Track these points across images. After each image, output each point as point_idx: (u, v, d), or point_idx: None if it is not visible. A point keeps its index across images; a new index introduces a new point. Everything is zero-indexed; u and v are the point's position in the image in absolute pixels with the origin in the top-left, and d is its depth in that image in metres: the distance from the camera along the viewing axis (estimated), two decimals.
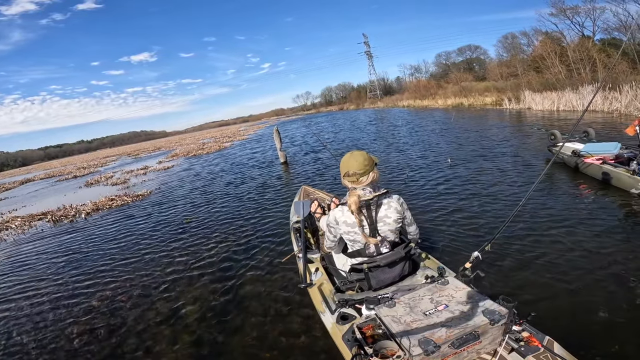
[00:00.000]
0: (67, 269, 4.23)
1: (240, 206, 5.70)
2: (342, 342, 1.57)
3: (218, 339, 2.36)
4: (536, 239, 3.04)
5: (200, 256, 3.86)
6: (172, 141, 49.32)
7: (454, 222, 3.66)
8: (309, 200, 2.69)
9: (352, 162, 1.73)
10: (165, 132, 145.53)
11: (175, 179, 10.33)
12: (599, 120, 9.57)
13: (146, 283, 3.44)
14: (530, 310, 1.44)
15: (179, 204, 6.62)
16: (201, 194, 7.24)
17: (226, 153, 15.99)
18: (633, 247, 2.69)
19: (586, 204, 3.65)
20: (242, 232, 4.44)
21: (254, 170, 9.21)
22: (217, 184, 8.13)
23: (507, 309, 1.34)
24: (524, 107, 16.27)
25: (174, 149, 27.41)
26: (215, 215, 5.40)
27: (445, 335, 1.27)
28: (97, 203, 7.81)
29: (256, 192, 6.51)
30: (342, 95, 69.27)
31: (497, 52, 32.20)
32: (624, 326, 1.91)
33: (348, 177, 1.75)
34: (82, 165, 27.82)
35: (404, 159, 7.40)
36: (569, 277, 2.41)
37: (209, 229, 4.79)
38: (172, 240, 4.55)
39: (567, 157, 4.68)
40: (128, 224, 5.80)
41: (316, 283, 2.13)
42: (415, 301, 1.50)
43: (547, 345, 1.33)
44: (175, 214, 5.90)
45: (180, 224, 5.24)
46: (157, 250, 4.31)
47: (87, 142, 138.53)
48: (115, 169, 18.74)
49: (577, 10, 22.42)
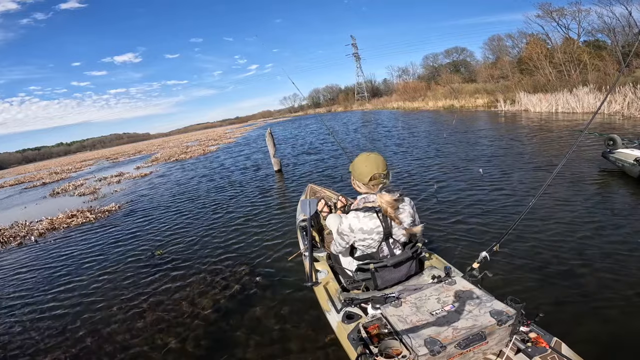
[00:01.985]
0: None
1: (227, 233, 4.58)
2: (347, 341, 1.56)
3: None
4: (548, 240, 2.99)
5: (174, 298, 2.92)
6: (154, 144, 47.46)
7: (461, 222, 3.65)
8: (316, 199, 2.64)
9: (378, 164, 1.67)
10: (149, 134, 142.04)
11: (152, 189, 9.22)
12: (606, 122, 9.14)
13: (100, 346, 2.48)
14: (538, 312, 1.41)
15: (152, 225, 5.56)
16: (180, 210, 6.20)
17: (211, 158, 14.87)
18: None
19: (610, 208, 3.50)
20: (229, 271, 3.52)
21: (244, 180, 8.12)
22: (200, 196, 7.08)
23: (515, 310, 1.32)
24: (519, 109, 15.85)
25: (156, 152, 25.98)
26: (196, 242, 4.44)
27: (451, 335, 1.24)
28: (53, 220, 6.67)
29: (246, 210, 5.46)
30: (330, 97, 68.75)
31: (484, 54, 32.66)
32: (635, 330, 1.89)
33: (373, 180, 1.68)
34: (56, 170, 26.00)
35: (422, 168, 6.56)
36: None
37: (186, 261, 3.84)
38: (140, 280, 3.56)
39: (628, 166, 4.13)
40: (83, 252, 4.75)
41: (322, 282, 2.13)
42: (421, 301, 1.48)
43: (554, 347, 1.32)
44: (146, 239, 4.86)
45: (151, 255, 4.15)
46: (119, 295, 3.33)
47: (67, 144, 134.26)
48: (90, 175, 17.32)
49: (563, 13, 22.82)
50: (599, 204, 3.65)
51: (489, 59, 30.99)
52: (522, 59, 24.25)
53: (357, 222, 1.68)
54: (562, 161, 2.01)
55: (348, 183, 6.09)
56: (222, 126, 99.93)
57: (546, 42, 23.53)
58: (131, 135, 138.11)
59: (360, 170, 1.68)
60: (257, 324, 2.46)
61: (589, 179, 4.47)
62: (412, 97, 33.80)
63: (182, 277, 3.43)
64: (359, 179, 1.70)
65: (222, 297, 2.90)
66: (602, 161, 4.78)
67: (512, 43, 27.92)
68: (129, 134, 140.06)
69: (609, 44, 20.49)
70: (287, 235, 4.02)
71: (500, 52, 29.00)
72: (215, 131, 59.05)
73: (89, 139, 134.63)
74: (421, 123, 15.72)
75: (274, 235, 4.11)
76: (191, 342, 2.39)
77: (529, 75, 22.65)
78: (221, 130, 58.90)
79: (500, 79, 26.37)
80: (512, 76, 24.53)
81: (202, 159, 15.16)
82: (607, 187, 4.21)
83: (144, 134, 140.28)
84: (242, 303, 2.76)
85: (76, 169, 24.13)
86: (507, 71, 25.37)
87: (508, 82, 24.59)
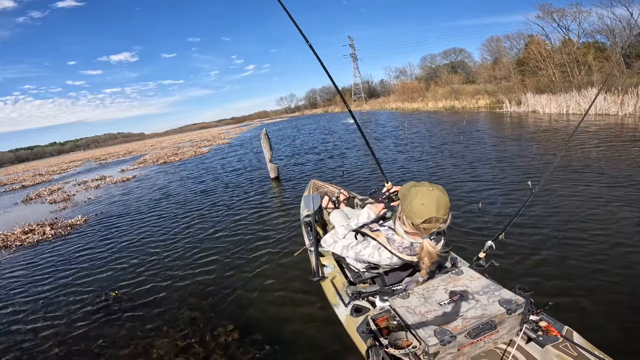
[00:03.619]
0: None
1: (205, 272, 3.45)
2: (356, 334, 1.55)
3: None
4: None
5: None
6: (148, 144, 46.32)
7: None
8: (319, 195, 2.57)
9: (440, 204, 1.31)
10: (143, 134, 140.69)
11: (128, 197, 8.26)
12: (620, 124, 8.39)
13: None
14: (548, 300, 1.39)
15: (116, 247, 4.61)
16: (154, 230, 5.19)
17: (203, 160, 13.87)
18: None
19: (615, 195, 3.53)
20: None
21: (234, 194, 6.73)
22: (180, 211, 6.03)
23: (524, 298, 1.30)
24: (527, 110, 15.09)
25: (147, 153, 24.95)
26: (167, 277, 3.54)
27: (461, 325, 1.23)
28: (7, 236, 5.73)
29: (234, 238, 4.17)
30: (326, 97, 67.92)
31: (482, 56, 32.33)
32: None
33: (427, 224, 1.33)
34: (41, 172, 24.83)
35: (452, 179, 5.63)
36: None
37: (151, 307, 2.94)
38: (89, 333, 2.66)
39: None
40: (27, 280, 3.85)
41: (328, 276, 2.08)
42: (429, 292, 1.45)
43: (566, 335, 1.31)
44: (104, 269, 3.90)
45: (105, 298, 3.13)
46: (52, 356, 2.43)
47: (60, 144, 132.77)
48: (73, 177, 16.29)
49: (563, 13, 22.52)
50: (604, 191, 3.71)
51: (487, 60, 30.75)
52: (524, 59, 23.69)
53: (379, 257, 1.50)
54: (561, 152, 2.08)
55: (348, 178, 5.04)
56: (217, 126, 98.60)
57: (546, 43, 23.30)
58: (125, 135, 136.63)
59: (414, 206, 1.33)
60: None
61: (590, 169, 4.57)
62: (410, 97, 33.25)
63: (143, 331, 2.53)
64: (408, 216, 1.37)
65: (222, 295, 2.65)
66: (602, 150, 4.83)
67: (510, 44, 27.80)
68: (124, 133, 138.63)
69: (608, 45, 20.26)
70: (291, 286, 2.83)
71: (499, 53, 28.71)
72: (210, 131, 57.97)
73: (83, 138, 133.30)
74: (429, 125, 14.86)
75: (271, 283, 2.94)
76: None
77: (532, 76, 22.18)
78: (216, 130, 57.74)
79: (502, 79, 25.87)
80: (514, 77, 23.94)
81: (192, 161, 14.20)
82: (609, 175, 4.27)
83: (138, 134, 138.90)
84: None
85: (62, 170, 23.03)
86: (510, 72, 24.76)
87: (509, 83, 24.21)
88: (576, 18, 21.91)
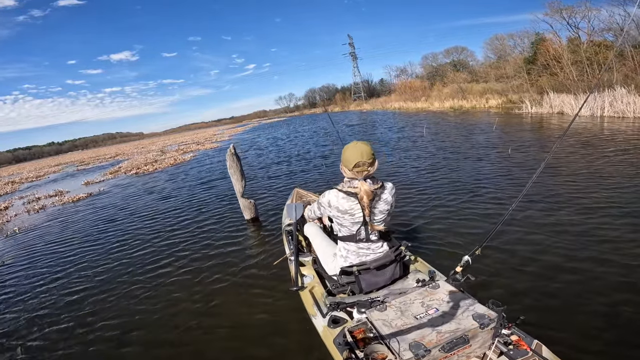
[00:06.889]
0: None
1: None
2: (333, 346, 1.54)
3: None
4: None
5: None
6: (140, 145, 44.71)
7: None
8: (302, 203, 2.59)
9: (363, 152, 1.68)
10: (142, 134, 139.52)
11: (73, 226, 6.46)
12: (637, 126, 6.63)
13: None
14: (520, 314, 1.42)
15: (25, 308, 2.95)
16: (81, 287, 3.49)
17: (179, 172, 11.97)
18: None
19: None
20: None
21: (200, 233, 4.64)
22: (124, 254, 4.30)
23: (497, 313, 1.33)
24: (550, 111, 13.22)
25: (130, 157, 23.24)
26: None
27: (435, 339, 1.25)
28: None
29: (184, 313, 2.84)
30: (326, 97, 66.31)
31: (485, 54, 31.09)
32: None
33: (357, 168, 1.69)
34: (16, 178, 23.11)
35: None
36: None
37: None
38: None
39: None
40: None
41: (307, 286, 2.07)
42: (406, 305, 1.47)
43: (535, 349, 1.34)
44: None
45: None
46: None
47: (58, 144, 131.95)
48: (38, 188, 14.58)
49: (573, 11, 21.29)
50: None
51: (490, 58, 29.56)
52: (536, 57, 22.02)
53: (336, 200, 1.74)
54: (542, 164, 1.96)
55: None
56: (215, 126, 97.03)
57: (553, 42, 22.12)
58: (124, 135, 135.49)
59: (346, 156, 1.71)
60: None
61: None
62: (413, 97, 31.54)
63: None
64: (345, 164, 1.73)
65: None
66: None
67: (514, 43, 26.78)
68: (122, 133, 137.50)
69: (617, 44, 19.02)
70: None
71: (503, 51, 27.76)
72: (205, 132, 56.37)
73: (81, 138, 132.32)
74: (447, 129, 12.95)
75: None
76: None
77: (543, 74, 20.64)
78: (211, 131, 56.04)
79: (511, 78, 24.26)
80: (525, 76, 22.26)
81: (167, 171, 12.42)
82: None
83: (137, 134, 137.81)
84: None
85: (37, 177, 21.31)
86: (521, 70, 23.05)
87: (519, 82, 22.73)
88: (586, 15, 20.76)
